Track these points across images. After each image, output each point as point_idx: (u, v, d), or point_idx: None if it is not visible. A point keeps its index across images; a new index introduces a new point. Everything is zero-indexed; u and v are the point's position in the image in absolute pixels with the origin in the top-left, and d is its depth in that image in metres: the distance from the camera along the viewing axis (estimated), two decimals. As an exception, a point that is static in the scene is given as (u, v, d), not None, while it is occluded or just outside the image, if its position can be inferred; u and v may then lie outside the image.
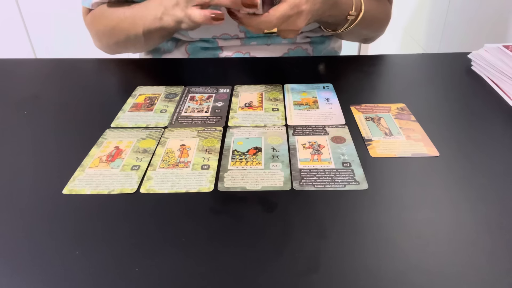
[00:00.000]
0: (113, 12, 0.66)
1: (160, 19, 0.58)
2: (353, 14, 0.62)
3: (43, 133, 0.49)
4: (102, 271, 0.32)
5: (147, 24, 0.60)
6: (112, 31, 0.66)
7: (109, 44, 0.69)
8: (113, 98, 0.57)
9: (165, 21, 0.58)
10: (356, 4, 0.61)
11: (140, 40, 0.64)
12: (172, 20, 0.56)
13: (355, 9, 0.61)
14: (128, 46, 0.68)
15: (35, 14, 1.66)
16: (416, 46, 1.48)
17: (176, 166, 0.43)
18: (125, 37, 0.65)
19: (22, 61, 0.70)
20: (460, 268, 0.31)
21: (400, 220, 0.36)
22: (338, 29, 0.65)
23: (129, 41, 0.65)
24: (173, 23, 0.57)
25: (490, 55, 0.60)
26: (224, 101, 0.55)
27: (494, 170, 0.41)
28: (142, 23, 0.60)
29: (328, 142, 0.46)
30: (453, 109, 0.53)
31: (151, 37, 0.63)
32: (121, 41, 0.66)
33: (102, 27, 0.67)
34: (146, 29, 0.61)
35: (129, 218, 0.36)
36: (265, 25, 0.52)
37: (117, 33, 0.65)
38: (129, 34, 0.63)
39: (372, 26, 0.70)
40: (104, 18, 0.67)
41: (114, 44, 0.68)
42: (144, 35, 0.62)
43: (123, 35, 0.64)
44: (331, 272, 0.31)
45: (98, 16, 0.68)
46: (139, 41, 0.64)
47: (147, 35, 0.62)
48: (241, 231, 0.35)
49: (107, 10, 0.67)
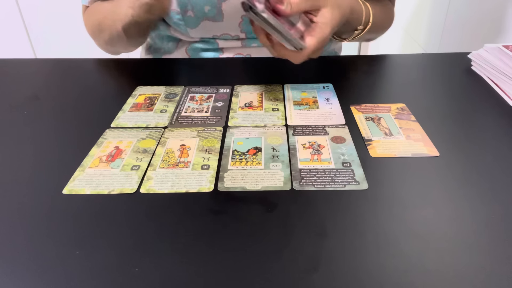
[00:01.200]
0: (99, 8, 0.65)
1: (132, 14, 0.57)
2: (361, 28, 0.62)
3: (43, 133, 0.49)
4: (102, 271, 0.32)
5: (123, 20, 0.59)
6: (99, 29, 0.65)
7: (101, 42, 0.68)
8: (113, 98, 0.57)
9: (136, 14, 0.57)
10: (366, 18, 0.62)
11: (122, 37, 0.63)
12: (142, 11, 0.56)
13: (363, 23, 0.62)
14: (116, 45, 0.67)
15: (35, 14, 1.66)
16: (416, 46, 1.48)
17: (176, 166, 0.43)
18: (109, 35, 0.64)
19: (22, 61, 0.70)
20: (460, 268, 0.31)
21: (400, 220, 0.36)
22: (344, 38, 0.65)
23: (114, 39, 0.64)
24: (144, 13, 0.56)
25: (490, 55, 0.60)
26: (224, 101, 0.55)
27: (494, 170, 0.41)
28: (119, 19, 0.60)
29: (328, 142, 0.46)
30: (453, 109, 0.53)
31: (131, 33, 0.62)
32: (108, 40, 0.65)
33: (92, 24, 0.67)
34: (125, 26, 0.60)
35: (129, 218, 0.36)
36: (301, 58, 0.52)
37: (103, 31, 0.64)
38: (111, 32, 0.63)
39: (377, 32, 0.71)
40: (92, 15, 0.67)
41: (105, 42, 0.67)
42: (124, 32, 0.61)
43: (107, 33, 0.64)
44: (331, 272, 0.31)
45: (90, 13, 0.68)
46: (122, 39, 0.63)
47: (126, 31, 0.61)
48: (241, 231, 0.35)
49: (97, 6, 0.67)
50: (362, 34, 0.64)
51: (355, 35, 0.64)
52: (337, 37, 0.67)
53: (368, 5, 0.63)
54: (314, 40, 0.50)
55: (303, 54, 0.50)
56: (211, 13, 0.64)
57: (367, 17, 0.62)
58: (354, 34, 0.64)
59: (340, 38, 0.66)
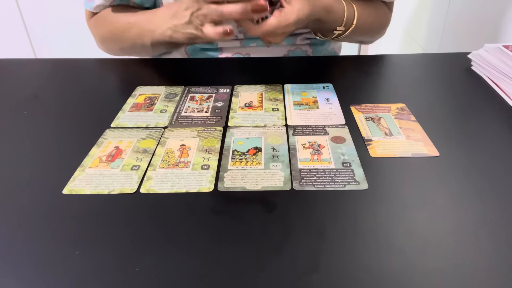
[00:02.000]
0: (118, 18, 0.66)
1: (170, 36, 0.58)
2: (341, 29, 0.64)
3: (43, 133, 0.49)
4: (102, 271, 0.32)
5: (156, 37, 0.60)
6: (117, 38, 0.66)
7: (113, 48, 0.69)
8: (113, 98, 0.57)
9: (175, 38, 0.58)
10: (348, 19, 0.62)
11: (147, 49, 0.64)
12: (184, 37, 0.57)
13: (345, 24, 0.63)
14: (132, 53, 0.69)
15: (35, 14, 1.66)
16: (416, 46, 1.48)
17: (176, 166, 0.43)
18: (130, 44, 0.65)
19: (22, 61, 0.70)
20: (460, 268, 0.31)
21: (400, 220, 0.36)
22: (328, 36, 0.66)
23: (134, 48, 0.66)
24: (185, 40, 0.57)
25: (490, 55, 0.60)
26: (224, 101, 0.55)
27: (494, 170, 0.41)
28: (150, 35, 0.61)
29: (328, 142, 0.46)
30: (453, 109, 0.53)
31: (159, 47, 0.64)
32: (126, 48, 0.66)
33: (106, 32, 0.67)
34: (155, 42, 0.61)
35: (129, 218, 0.36)
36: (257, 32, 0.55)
37: (122, 40, 0.65)
38: (135, 42, 0.64)
39: (367, 34, 0.71)
40: (108, 24, 0.67)
41: (119, 49, 0.68)
42: (152, 46, 0.62)
43: (128, 43, 0.65)
44: (331, 272, 0.31)
45: (102, 20, 0.68)
46: (146, 50, 0.65)
47: (155, 46, 0.62)
48: (241, 231, 0.35)
49: (111, 15, 0.67)
50: (346, 34, 0.65)
51: (336, 35, 0.65)
52: (320, 35, 0.67)
53: (354, 7, 0.63)
54: (275, 21, 0.53)
55: (260, 28, 0.53)
56: None
57: (350, 19, 0.63)
58: (334, 34, 0.65)
59: (321, 36, 0.67)
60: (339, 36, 0.65)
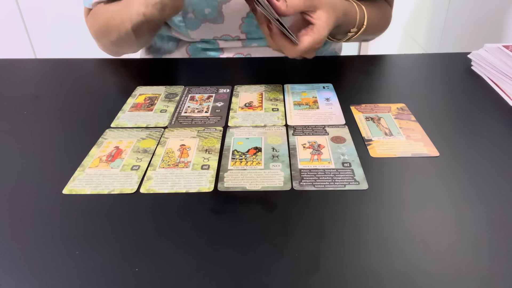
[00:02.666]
0: (105, 10, 0.65)
1: (144, 13, 0.56)
2: (354, 31, 0.63)
3: (43, 133, 0.49)
4: (102, 271, 0.32)
5: (133, 19, 0.58)
6: (106, 30, 0.65)
7: (106, 44, 0.68)
8: (113, 98, 0.57)
9: (148, 14, 0.56)
10: (360, 20, 0.62)
11: (131, 37, 0.62)
12: (155, 10, 0.55)
13: (357, 26, 0.62)
14: (123, 46, 0.67)
15: (35, 14, 1.66)
16: (416, 46, 1.48)
17: (176, 166, 0.43)
18: (116, 35, 0.63)
19: (22, 61, 0.71)
20: (460, 268, 0.31)
21: (400, 220, 0.36)
22: (341, 38, 0.66)
23: (121, 39, 0.64)
24: (157, 12, 0.56)
25: (490, 55, 0.60)
26: (224, 101, 0.55)
27: (494, 170, 0.41)
28: (129, 19, 0.59)
29: (328, 142, 0.46)
30: (453, 109, 0.53)
31: (141, 32, 0.62)
32: (115, 40, 0.65)
33: (98, 27, 0.67)
34: (134, 25, 0.59)
35: (129, 218, 0.36)
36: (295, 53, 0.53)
37: (110, 32, 0.64)
38: (119, 31, 0.62)
39: (373, 33, 0.71)
40: (98, 17, 0.66)
41: (110, 44, 0.67)
42: (133, 31, 0.60)
43: (114, 33, 0.63)
44: (331, 272, 0.31)
45: (95, 15, 0.68)
46: (131, 38, 0.63)
47: (136, 31, 0.60)
48: (241, 231, 0.35)
49: (102, 8, 0.66)
50: (357, 35, 0.65)
51: (349, 37, 0.65)
52: (332, 38, 0.67)
53: (363, 8, 0.63)
54: (310, 39, 0.51)
55: (298, 49, 0.52)
56: (211, 15, 0.64)
57: (361, 20, 0.63)
58: (348, 36, 0.64)
59: (334, 39, 0.67)
60: (351, 37, 0.65)
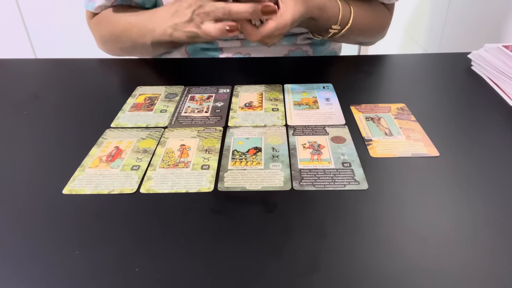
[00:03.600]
0: (119, 18, 0.65)
1: (171, 35, 0.58)
2: (336, 28, 0.63)
3: (43, 133, 0.49)
4: (102, 271, 0.32)
5: (156, 36, 0.60)
6: (118, 38, 0.66)
7: (114, 49, 0.69)
8: (113, 98, 0.57)
9: (176, 37, 0.58)
10: (344, 18, 0.62)
11: (148, 49, 0.64)
12: (185, 36, 0.57)
13: (340, 23, 0.62)
14: (133, 53, 0.69)
15: (35, 14, 1.66)
16: (416, 46, 1.48)
17: (176, 166, 0.43)
18: (131, 44, 0.65)
19: (22, 61, 0.70)
20: (460, 268, 0.31)
21: (400, 220, 0.36)
22: (324, 35, 0.66)
23: (135, 48, 0.65)
24: (186, 38, 0.57)
25: (490, 55, 0.60)
26: (224, 101, 0.55)
27: (494, 170, 0.41)
28: (151, 35, 0.60)
29: (328, 142, 0.46)
30: (453, 109, 0.53)
31: (160, 47, 0.64)
32: (126, 48, 0.66)
33: (107, 33, 0.67)
34: (155, 41, 0.61)
35: (129, 218, 0.36)
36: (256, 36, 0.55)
37: (123, 41, 0.65)
38: (136, 42, 0.64)
39: (365, 34, 0.71)
40: (109, 24, 0.67)
41: (120, 49, 0.68)
42: (152, 46, 0.62)
43: (129, 42, 0.65)
44: (331, 272, 0.31)
45: (103, 21, 0.68)
46: (147, 50, 0.65)
47: (155, 45, 0.62)
48: (241, 231, 0.35)
49: (112, 15, 0.67)
50: (342, 33, 0.65)
51: (332, 34, 0.64)
52: (317, 35, 0.67)
53: (350, 7, 0.63)
54: (273, 23, 0.53)
55: (259, 32, 0.53)
56: None
57: (346, 18, 0.63)
58: (330, 33, 0.64)
59: (317, 35, 0.67)
60: (335, 35, 0.65)
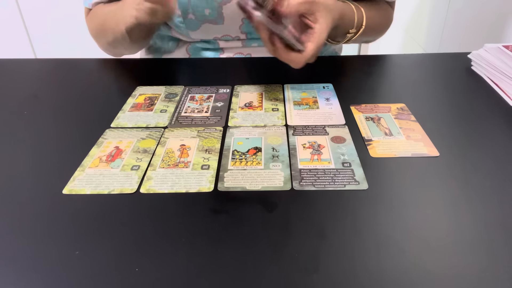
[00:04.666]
0: (102, 11, 0.65)
1: (136, 16, 0.56)
2: (353, 31, 0.63)
3: (43, 133, 0.49)
4: (102, 271, 0.32)
5: (127, 22, 0.59)
6: (102, 31, 0.65)
7: (104, 44, 0.68)
8: (113, 98, 0.57)
9: (140, 16, 0.56)
10: (358, 21, 0.62)
11: (126, 39, 0.62)
12: (145, 13, 0.55)
13: (356, 26, 0.62)
14: (119, 47, 0.67)
15: (35, 14, 1.66)
16: (416, 46, 1.48)
17: (176, 166, 0.43)
18: (112, 37, 0.63)
19: (22, 61, 0.70)
20: (460, 268, 0.31)
21: (400, 220, 0.36)
22: (340, 41, 0.66)
23: (117, 41, 0.64)
24: (147, 15, 0.55)
25: (490, 55, 0.60)
26: (224, 101, 0.55)
27: (494, 170, 0.41)
28: (123, 21, 0.59)
29: (328, 142, 0.46)
30: (453, 109, 0.53)
31: (135, 35, 0.62)
32: (111, 41, 0.65)
33: (95, 27, 0.67)
34: (128, 28, 0.59)
35: (129, 218, 0.36)
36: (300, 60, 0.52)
37: (106, 33, 0.64)
38: (115, 32, 0.62)
39: (373, 35, 0.71)
40: (96, 17, 0.67)
41: (108, 44, 0.67)
42: (127, 33, 0.61)
43: (110, 34, 0.63)
44: (331, 272, 0.31)
45: (93, 15, 0.68)
46: (126, 40, 0.63)
47: (130, 33, 0.60)
48: (241, 231, 0.35)
49: (99, 9, 0.66)
50: (356, 37, 0.64)
51: (348, 38, 0.64)
52: (331, 40, 0.67)
53: (361, 9, 0.63)
54: (313, 45, 0.51)
55: (304, 56, 0.51)
56: (211, 16, 0.64)
57: (360, 21, 0.63)
58: (346, 38, 0.64)
59: (334, 41, 0.67)
60: (350, 39, 0.65)
